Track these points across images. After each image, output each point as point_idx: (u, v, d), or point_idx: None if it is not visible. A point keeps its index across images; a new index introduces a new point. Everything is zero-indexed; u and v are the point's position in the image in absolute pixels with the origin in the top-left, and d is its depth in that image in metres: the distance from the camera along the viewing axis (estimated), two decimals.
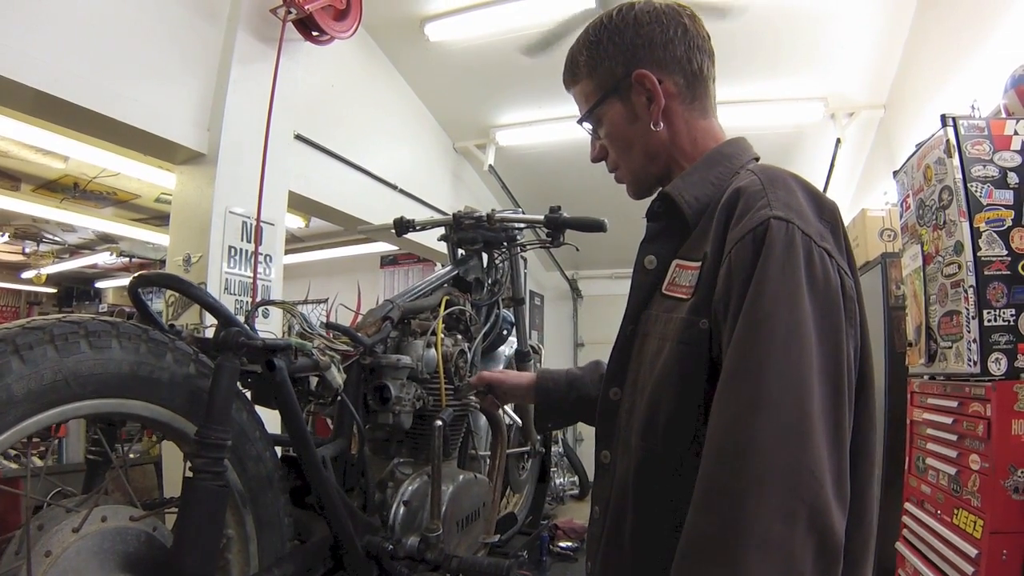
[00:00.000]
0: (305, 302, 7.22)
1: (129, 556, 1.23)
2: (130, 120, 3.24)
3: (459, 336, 2.12)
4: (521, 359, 2.65)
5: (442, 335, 1.97)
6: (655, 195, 1.27)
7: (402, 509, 1.80)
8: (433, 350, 1.94)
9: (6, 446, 1.05)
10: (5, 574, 1.10)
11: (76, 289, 14.29)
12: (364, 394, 1.81)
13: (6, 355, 1.03)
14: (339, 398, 1.67)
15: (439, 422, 1.77)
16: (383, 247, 8.26)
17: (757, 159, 1.27)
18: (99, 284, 13.71)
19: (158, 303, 3.90)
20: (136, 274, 1.39)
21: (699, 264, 1.09)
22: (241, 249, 3.66)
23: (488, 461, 2.35)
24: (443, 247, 2.53)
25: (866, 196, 5.92)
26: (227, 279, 3.57)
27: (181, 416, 1.30)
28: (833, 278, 0.98)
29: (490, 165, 6.55)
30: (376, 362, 1.80)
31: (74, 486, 1.40)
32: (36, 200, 7.47)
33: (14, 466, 4.17)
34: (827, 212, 1.04)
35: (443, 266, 7.28)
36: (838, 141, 5.60)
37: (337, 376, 1.57)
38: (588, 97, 1.31)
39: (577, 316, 10.50)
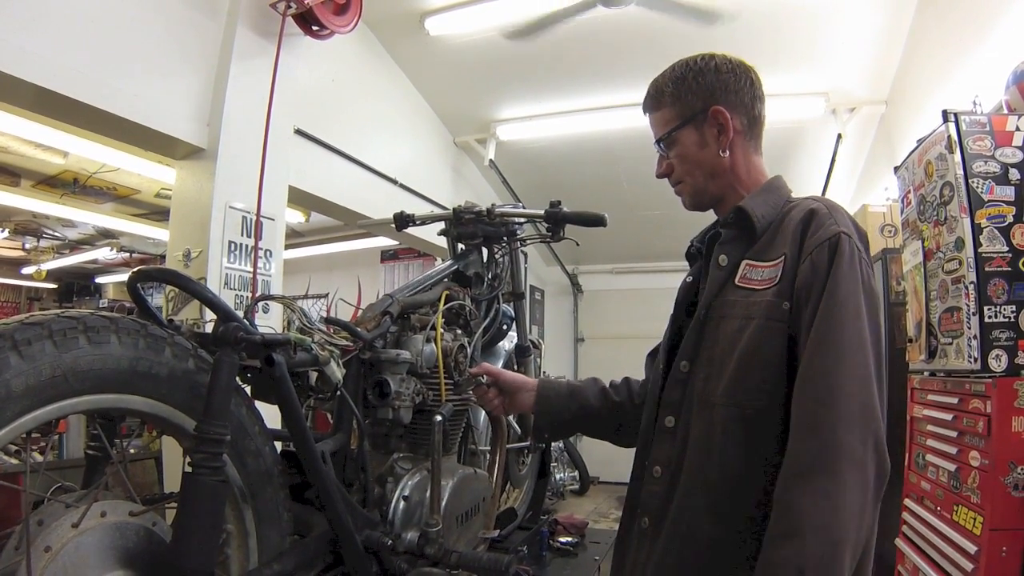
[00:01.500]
0: (305, 297, 7.21)
1: (129, 551, 1.23)
2: (130, 115, 3.23)
3: (459, 331, 2.12)
4: (521, 354, 2.64)
5: (442, 330, 1.97)
6: (731, 209, 1.51)
7: (401, 504, 1.80)
8: (433, 345, 1.93)
9: (5, 441, 1.05)
10: (5, 570, 1.10)
11: (76, 285, 14.31)
12: (364, 389, 1.81)
13: (4, 351, 1.03)
14: (338, 393, 1.66)
15: (439, 417, 1.76)
16: (383, 242, 8.28)
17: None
18: (99, 279, 13.75)
19: (159, 298, 3.89)
20: (134, 269, 1.38)
21: (776, 262, 1.40)
22: (241, 244, 3.65)
23: (488, 456, 2.35)
24: (443, 242, 2.53)
25: (867, 192, 5.93)
26: (227, 274, 3.56)
27: (180, 411, 1.30)
28: (870, 277, 1.34)
29: (490, 160, 6.55)
30: (375, 357, 1.79)
31: (75, 481, 1.40)
32: (36, 196, 7.47)
33: (14, 461, 4.18)
34: (861, 232, 1.39)
35: (443, 261, 7.30)
36: (839, 136, 5.60)
37: (336, 371, 1.57)
38: (668, 122, 1.58)
39: (577, 311, 10.51)
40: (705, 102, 1.53)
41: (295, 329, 1.61)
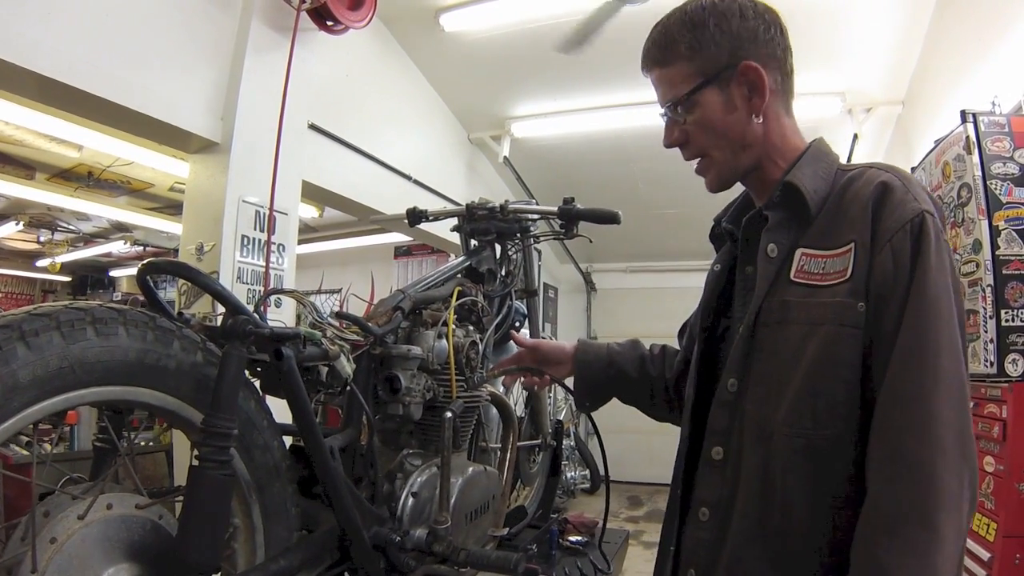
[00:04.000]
0: (318, 292, 7.22)
1: (134, 544, 1.22)
2: (144, 109, 3.26)
3: (471, 327, 2.11)
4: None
5: (454, 326, 1.96)
6: (777, 185, 1.27)
7: (410, 500, 1.79)
8: (444, 341, 1.92)
9: (12, 432, 1.05)
10: (10, 560, 1.10)
11: (90, 278, 14.41)
12: (374, 384, 1.81)
13: (12, 341, 1.02)
14: (348, 388, 1.66)
15: (449, 413, 1.75)
16: (397, 238, 8.30)
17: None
18: (113, 272, 13.81)
19: (172, 292, 3.91)
20: (144, 262, 1.38)
21: (844, 251, 1.16)
22: (254, 238, 3.67)
23: (499, 453, 2.34)
24: (457, 238, 2.52)
25: None
26: (240, 268, 3.58)
27: (188, 404, 1.29)
28: (955, 266, 1.14)
29: (505, 156, 6.56)
30: (386, 352, 1.78)
31: (84, 473, 1.40)
32: (51, 189, 7.52)
33: (25, 452, 4.20)
34: (939, 208, 1.17)
35: (456, 257, 7.30)
36: (855, 136, 5.57)
37: (347, 365, 1.56)
38: (684, 80, 1.29)
39: (591, 309, 10.51)
40: (732, 55, 1.25)
41: (307, 324, 1.61)
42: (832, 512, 1.12)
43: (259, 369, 1.52)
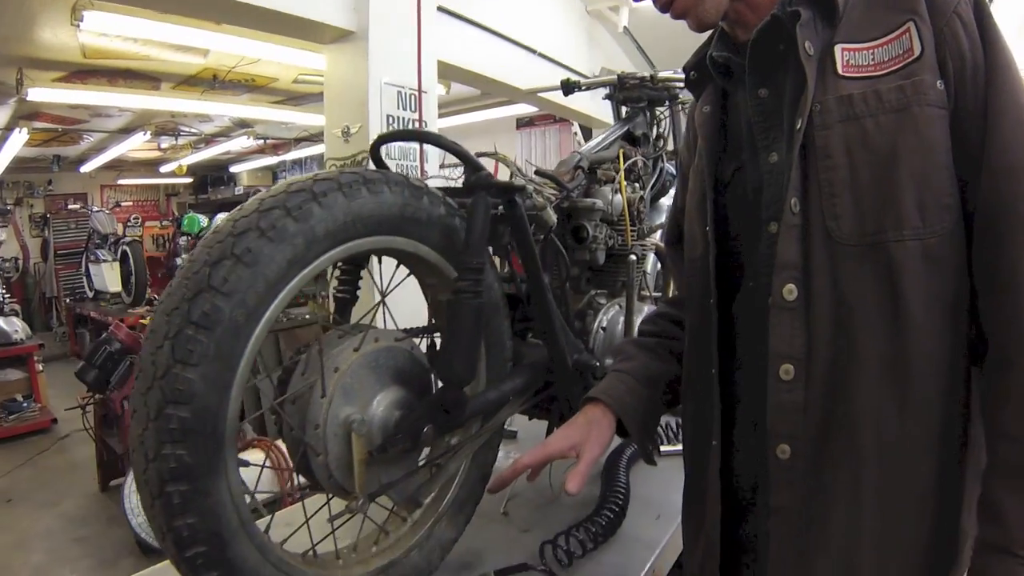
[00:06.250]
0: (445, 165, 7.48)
1: (397, 369, 1.45)
2: (276, 6, 3.43)
3: (636, 184, 2.28)
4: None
5: (625, 182, 2.13)
6: None
7: (601, 333, 2.03)
8: (619, 196, 2.10)
9: (311, 276, 1.24)
10: (303, 389, 1.32)
11: (210, 177, 14.92)
12: (561, 234, 2.01)
13: (309, 202, 1.20)
14: (548, 236, 1.86)
15: (633, 257, 1.97)
16: (520, 110, 8.39)
17: None
18: (233, 168, 14.26)
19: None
20: (379, 135, 1.56)
21: (897, 34, 1.04)
22: (399, 117, 3.90)
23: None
24: (576, 106, 2.63)
25: None
26: (387, 147, 3.78)
27: (434, 251, 1.49)
28: None
29: (624, 27, 6.46)
30: (573, 206, 1.99)
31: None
32: (176, 96, 7.82)
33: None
34: None
35: (579, 126, 7.35)
36: None
37: (552, 215, 1.76)
38: None
39: None
40: None
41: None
42: (953, 321, 1.03)
43: None
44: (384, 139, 1.56)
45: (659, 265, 2.45)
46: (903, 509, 1.06)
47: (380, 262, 1.55)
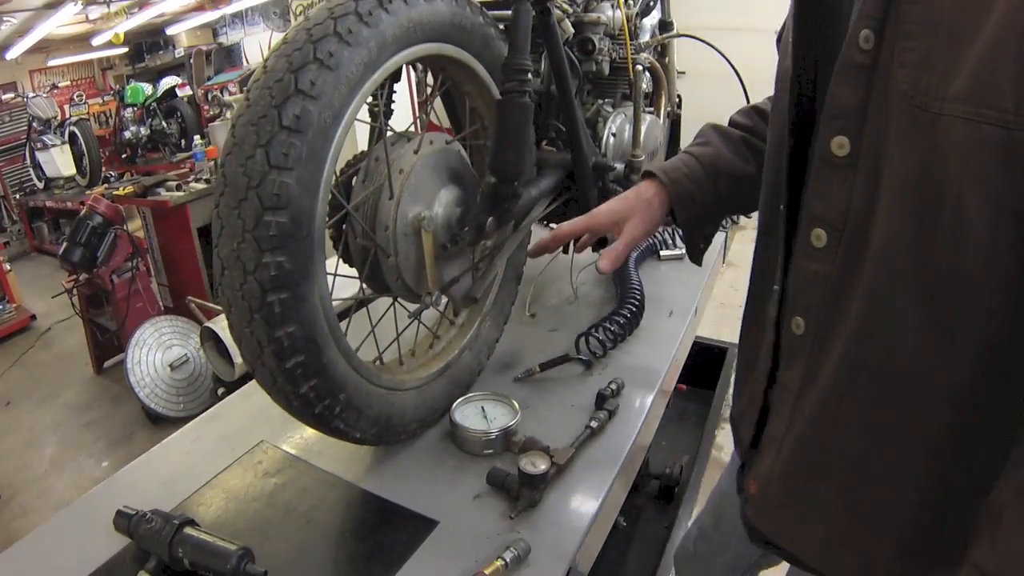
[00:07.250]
0: None
1: (452, 170, 1.59)
2: None
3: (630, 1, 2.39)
4: (664, 28, 2.88)
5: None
6: None
7: (611, 139, 2.19)
8: (619, 11, 2.21)
9: (384, 76, 1.33)
10: (373, 192, 1.42)
11: (145, 43, 14.25)
12: (569, 46, 2.10)
13: (377, 8, 1.28)
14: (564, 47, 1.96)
15: (639, 66, 2.11)
16: None
17: None
18: (169, 31, 13.51)
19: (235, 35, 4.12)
20: None
21: None
22: None
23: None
24: None
25: None
26: None
27: (476, 59, 1.61)
28: None
29: None
30: (579, 19, 2.10)
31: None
32: None
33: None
34: None
35: None
36: None
37: (569, 27, 1.88)
38: None
39: None
40: None
41: None
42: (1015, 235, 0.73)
43: None
44: None
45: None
46: (911, 449, 0.91)
47: (425, 72, 1.67)
